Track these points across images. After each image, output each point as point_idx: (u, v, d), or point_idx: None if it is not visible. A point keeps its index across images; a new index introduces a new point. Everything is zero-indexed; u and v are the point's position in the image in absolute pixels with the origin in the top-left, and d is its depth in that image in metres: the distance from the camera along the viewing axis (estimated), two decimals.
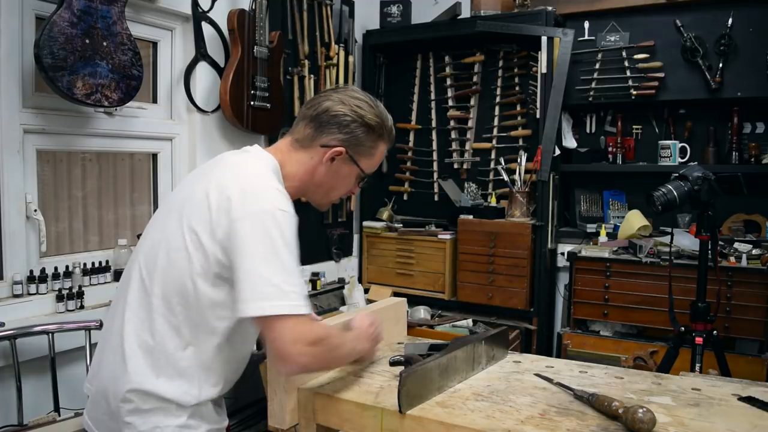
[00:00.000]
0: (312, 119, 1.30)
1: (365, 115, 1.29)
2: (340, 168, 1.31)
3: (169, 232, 1.21)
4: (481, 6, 3.20)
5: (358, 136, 1.29)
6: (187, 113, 2.60)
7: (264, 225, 1.12)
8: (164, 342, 1.18)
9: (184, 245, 1.17)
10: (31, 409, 1.94)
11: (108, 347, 1.25)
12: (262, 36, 2.60)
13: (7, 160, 1.97)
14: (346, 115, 1.28)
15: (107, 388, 1.21)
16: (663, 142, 3.02)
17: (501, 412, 1.13)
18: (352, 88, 1.35)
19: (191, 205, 1.20)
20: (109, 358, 1.23)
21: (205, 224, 1.16)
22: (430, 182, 3.57)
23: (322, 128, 1.28)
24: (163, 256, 1.20)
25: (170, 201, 1.32)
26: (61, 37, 1.84)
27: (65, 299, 2.08)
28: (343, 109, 1.28)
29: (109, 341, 1.25)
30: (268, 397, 1.27)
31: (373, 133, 1.30)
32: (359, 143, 1.30)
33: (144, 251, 1.25)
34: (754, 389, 1.25)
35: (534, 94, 3.17)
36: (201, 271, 1.16)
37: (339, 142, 1.28)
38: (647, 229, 2.93)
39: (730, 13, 2.86)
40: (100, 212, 2.41)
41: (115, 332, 1.23)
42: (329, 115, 1.28)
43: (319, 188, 1.33)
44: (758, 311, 2.53)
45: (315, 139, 1.29)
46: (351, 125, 1.28)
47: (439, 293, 3.25)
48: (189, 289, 1.17)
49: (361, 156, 1.31)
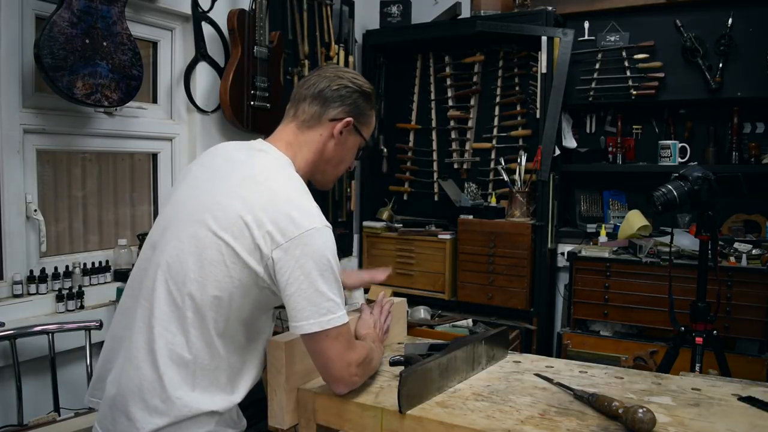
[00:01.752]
0: (315, 97, 1.30)
1: (362, 85, 1.33)
2: (347, 140, 1.33)
3: (197, 243, 1.17)
4: (481, 6, 3.20)
5: (360, 106, 1.32)
6: (187, 113, 2.60)
7: (317, 245, 1.13)
8: (201, 355, 1.16)
9: (221, 260, 1.15)
10: (31, 409, 1.94)
11: (129, 361, 1.18)
12: (262, 36, 2.60)
13: (7, 160, 1.97)
14: (347, 87, 1.31)
15: (129, 402, 1.15)
16: (663, 142, 3.02)
17: (501, 412, 1.13)
18: (336, 65, 1.41)
19: (222, 220, 1.16)
20: (132, 372, 1.16)
21: (247, 244, 1.14)
22: (430, 182, 3.57)
23: (327, 103, 1.30)
24: (196, 269, 1.15)
25: (185, 204, 1.24)
26: (61, 37, 1.84)
27: (65, 299, 2.08)
28: (342, 82, 1.31)
29: (131, 354, 1.18)
30: (268, 397, 1.27)
31: (370, 101, 1.35)
32: (362, 112, 1.33)
33: (167, 260, 1.18)
34: (754, 389, 1.25)
35: (534, 94, 3.17)
36: (239, 284, 1.15)
37: (346, 114, 1.31)
38: (647, 229, 2.93)
39: (730, 13, 2.86)
40: (100, 212, 2.41)
41: (140, 346, 1.17)
42: (332, 90, 1.30)
43: (328, 164, 1.34)
44: (758, 311, 2.53)
45: (322, 115, 1.30)
46: (353, 96, 1.31)
47: (439, 293, 3.25)
48: (225, 302, 1.16)
49: (363, 125, 1.36)
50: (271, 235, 1.12)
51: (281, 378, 1.24)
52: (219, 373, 1.18)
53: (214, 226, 1.16)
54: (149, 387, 1.14)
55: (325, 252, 1.14)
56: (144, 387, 1.15)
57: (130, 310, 1.23)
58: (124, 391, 1.17)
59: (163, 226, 1.24)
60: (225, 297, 1.15)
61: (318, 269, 1.12)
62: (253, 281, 1.16)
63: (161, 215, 1.30)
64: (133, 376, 1.16)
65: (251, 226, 1.13)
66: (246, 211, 1.14)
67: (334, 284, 1.15)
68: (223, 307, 1.16)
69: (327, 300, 1.13)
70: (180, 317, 1.16)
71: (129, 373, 1.17)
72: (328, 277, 1.14)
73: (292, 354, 1.24)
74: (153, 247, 1.24)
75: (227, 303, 1.16)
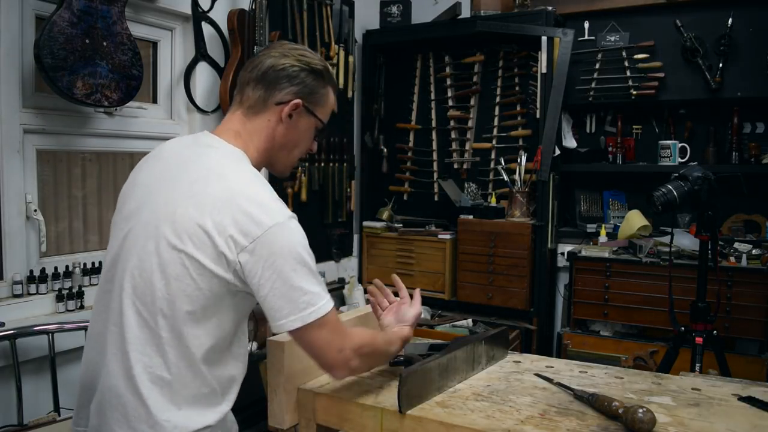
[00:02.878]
0: (259, 80, 1.20)
1: (311, 62, 1.22)
2: (298, 122, 1.23)
3: (159, 260, 1.10)
4: (481, 6, 3.20)
5: (309, 84, 1.22)
6: (187, 113, 2.60)
7: (283, 241, 1.08)
8: (181, 373, 1.10)
9: (186, 273, 1.08)
10: (31, 409, 1.94)
11: (109, 389, 1.12)
12: (262, 36, 2.60)
13: (7, 160, 1.97)
14: (293, 66, 1.20)
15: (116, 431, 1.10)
16: (663, 142, 3.02)
17: (501, 412, 1.13)
18: (286, 42, 1.30)
19: (181, 231, 1.09)
20: (114, 401, 1.10)
21: (210, 253, 1.08)
22: (430, 182, 3.57)
23: (272, 86, 1.20)
24: (162, 287, 1.09)
25: (139, 217, 1.16)
26: (61, 37, 1.84)
27: (65, 299, 2.08)
28: (288, 60, 1.20)
29: (110, 383, 1.12)
30: (268, 397, 1.27)
31: (322, 79, 1.24)
32: (312, 92, 1.23)
33: (131, 281, 1.12)
34: (754, 389, 1.25)
35: (534, 94, 3.16)
36: (211, 295, 1.10)
37: (293, 95, 1.20)
38: (647, 229, 2.93)
39: (730, 13, 2.86)
40: (100, 212, 2.41)
41: (118, 374, 1.10)
42: (276, 71, 1.20)
43: (282, 150, 1.25)
44: (758, 311, 2.53)
45: (268, 99, 1.20)
46: (300, 74, 1.20)
47: (439, 293, 3.25)
48: (200, 315, 1.10)
49: (317, 105, 1.25)
50: (233, 239, 1.06)
51: (281, 378, 1.24)
52: (204, 388, 1.13)
53: (173, 239, 1.09)
54: (134, 414, 1.08)
55: (293, 246, 1.08)
56: (129, 414, 1.09)
57: (100, 335, 1.16)
58: (109, 420, 1.11)
59: (120, 243, 1.17)
60: (198, 310, 1.09)
61: (289, 265, 1.07)
62: (225, 289, 1.10)
63: (115, 228, 1.21)
64: (116, 405, 1.10)
65: (211, 233, 1.07)
66: (203, 216, 1.07)
67: (309, 275, 1.09)
68: (199, 321, 1.10)
69: (304, 294, 1.08)
70: (155, 338, 1.09)
71: (111, 401, 1.11)
72: (300, 271, 1.08)
73: (292, 354, 1.24)
74: (113, 264, 1.17)
75: (202, 316, 1.10)
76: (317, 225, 3.24)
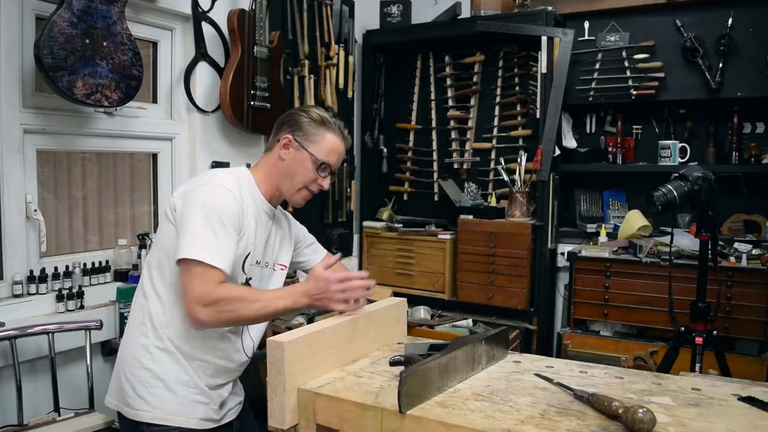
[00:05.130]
0: (274, 128, 1.61)
1: (310, 111, 1.57)
2: (294, 155, 1.55)
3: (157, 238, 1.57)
4: (481, 6, 3.20)
5: (302, 125, 1.55)
6: (187, 113, 2.60)
7: (201, 194, 1.42)
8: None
9: (160, 232, 1.54)
10: (31, 409, 1.94)
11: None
12: (262, 36, 2.60)
13: (7, 160, 1.97)
14: (294, 114, 1.59)
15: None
16: (663, 142, 3.02)
17: (501, 412, 1.13)
18: (315, 105, 1.79)
19: (165, 207, 1.52)
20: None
21: (170, 211, 1.48)
22: (430, 182, 3.57)
23: (278, 129, 1.59)
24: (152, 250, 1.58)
25: None
26: (61, 37, 1.84)
27: (65, 299, 2.09)
28: (295, 112, 1.60)
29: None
30: (268, 397, 1.27)
31: (315, 123, 1.55)
32: (303, 130, 1.55)
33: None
34: (754, 389, 1.25)
35: (534, 94, 3.17)
36: (170, 236, 1.47)
37: (288, 133, 1.56)
38: (647, 229, 2.93)
39: (730, 13, 2.86)
40: (100, 212, 2.41)
41: None
42: (283, 119, 1.59)
43: (284, 178, 1.56)
44: (758, 311, 2.53)
45: (274, 139, 1.59)
46: (297, 118, 1.57)
47: (439, 293, 3.25)
48: (165, 261, 1.50)
49: (309, 142, 1.55)
50: (179, 192, 1.48)
51: (281, 378, 1.24)
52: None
53: (161, 214, 1.53)
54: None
55: (212, 201, 1.40)
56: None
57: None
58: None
59: None
60: (163, 256, 1.48)
61: (202, 212, 1.38)
62: (175, 233, 1.43)
63: None
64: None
65: (174, 194, 1.50)
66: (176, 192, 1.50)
67: (218, 231, 1.38)
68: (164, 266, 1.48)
69: (199, 238, 1.36)
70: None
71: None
72: (209, 223, 1.37)
73: (292, 354, 1.24)
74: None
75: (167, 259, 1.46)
76: (317, 225, 3.24)
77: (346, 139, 1.61)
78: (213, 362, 1.50)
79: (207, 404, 1.49)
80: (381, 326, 1.54)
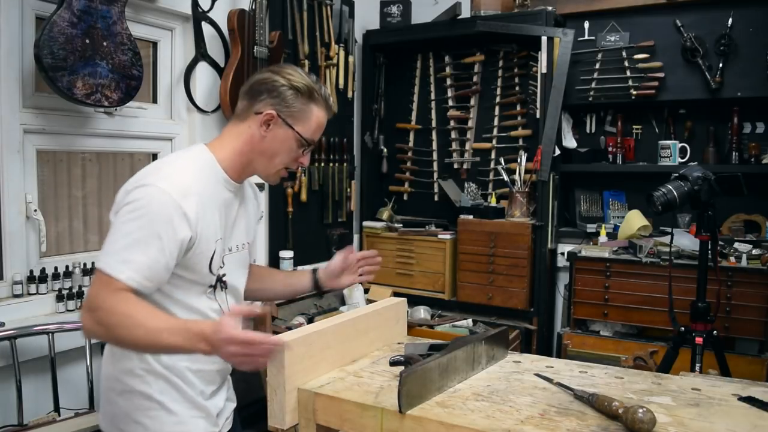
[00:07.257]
0: (246, 92, 1.37)
1: (293, 80, 1.34)
2: (276, 133, 1.35)
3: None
4: (481, 6, 3.20)
5: (287, 98, 1.33)
6: (187, 113, 2.60)
7: (133, 197, 1.22)
8: None
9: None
10: (31, 409, 1.94)
11: None
12: (262, 36, 2.60)
13: (7, 160, 1.97)
14: (275, 81, 1.34)
15: None
16: (663, 142, 3.02)
17: (501, 412, 1.13)
18: (289, 65, 1.42)
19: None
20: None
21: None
22: (430, 182, 3.57)
23: (254, 97, 1.35)
24: None
25: None
26: (61, 37, 1.84)
27: (65, 299, 2.09)
28: (273, 76, 1.35)
29: None
30: (268, 397, 1.27)
31: (302, 96, 1.34)
32: (289, 105, 1.34)
33: None
34: (754, 389, 1.25)
35: (534, 94, 3.17)
36: None
37: (270, 106, 1.34)
38: (647, 229, 2.93)
39: (730, 13, 2.86)
40: (100, 212, 2.41)
41: None
42: (259, 83, 1.35)
43: (262, 156, 1.37)
44: (758, 311, 2.53)
45: (249, 109, 1.36)
46: (279, 89, 1.33)
47: (439, 293, 3.25)
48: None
49: (295, 119, 1.35)
50: (122, 189, 1.26)
51: (281, 378, 1.24)
52: None
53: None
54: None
55: (142, 206, 1.20)
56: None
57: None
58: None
59: None
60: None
61: (127, 219, 1.21)
62: None
63: None
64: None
65: (120, 191, 1.28)
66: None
67: (139, 242, 1.19)
68: None
69: (112, 246, 1.20)
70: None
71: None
72: (128, 230, 1.20)
73: (292, 354, 1.24)
74: None
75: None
76: (317, 225, 3.24)
77: (331, 109, 1.42)
78: (209, 369, 1.40)
79: (205, 418, 1.41)
80: (381, 326, 1.54)
